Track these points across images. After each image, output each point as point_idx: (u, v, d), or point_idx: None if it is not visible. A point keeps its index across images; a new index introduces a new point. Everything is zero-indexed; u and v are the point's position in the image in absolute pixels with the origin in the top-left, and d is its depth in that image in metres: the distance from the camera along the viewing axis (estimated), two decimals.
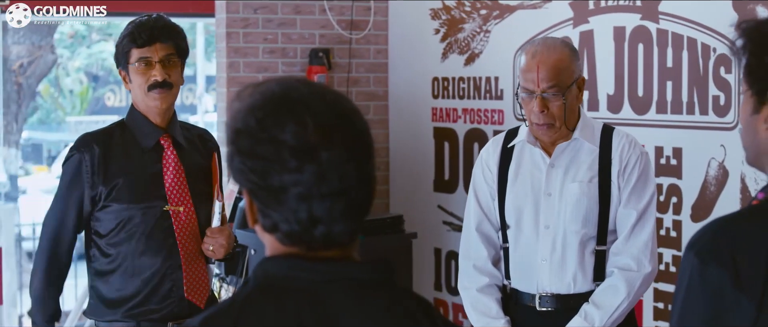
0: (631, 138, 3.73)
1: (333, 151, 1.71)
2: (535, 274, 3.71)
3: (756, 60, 2.04)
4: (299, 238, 1.74)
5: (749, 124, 2.10)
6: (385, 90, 6.67)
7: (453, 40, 6.13)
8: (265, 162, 1.71)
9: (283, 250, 1.77)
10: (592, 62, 5.23)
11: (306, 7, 6.42)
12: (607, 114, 5.14)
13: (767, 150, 2.06)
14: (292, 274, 1.75)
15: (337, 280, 1.75)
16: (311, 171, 1.70)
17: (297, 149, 1.70)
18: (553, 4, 5.44)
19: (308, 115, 1.71)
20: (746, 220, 2.01)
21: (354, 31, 6.53)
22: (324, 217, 1.72)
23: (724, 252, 1.94)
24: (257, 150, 1.71)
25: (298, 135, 1.70)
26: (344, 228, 1.74)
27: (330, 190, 1.71)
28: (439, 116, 6.28)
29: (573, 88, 3.61)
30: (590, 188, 3.67)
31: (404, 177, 6.57)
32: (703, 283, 1.96)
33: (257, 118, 1.72)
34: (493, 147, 3.88)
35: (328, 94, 1.77)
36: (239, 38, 6.28)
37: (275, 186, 1.71)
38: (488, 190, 3.82)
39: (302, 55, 6.41)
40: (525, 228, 3.73)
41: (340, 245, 1.77)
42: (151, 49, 3.63)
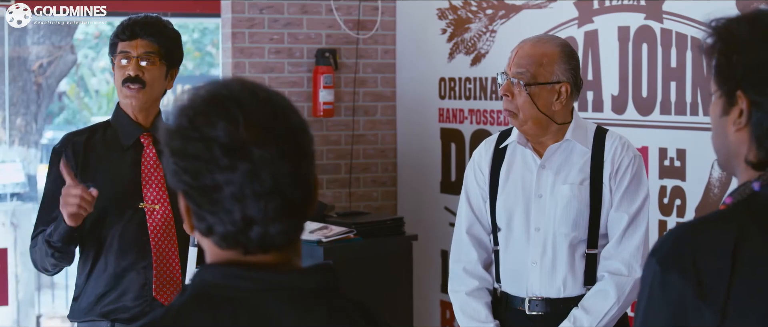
0: (624, 140, 3.66)
1: (265, 149, 1.66)
2: (525, 277, 3.65)
3: (725, 59, 1.97)
4: (235, 240, 1.70)
5: (719, 126, 2.03)
6: (393, 90, 6.61)
7: (459, 40, 6.07)
8: (197, 161, 1.67)
9: (221, 256, 1.73)
10: (597, 62, 5.16)
11: (312, 7, 6.37)
12: (612, 115, 5.07)
13: (737, 153, 1.99)
14: (229, 282, 1.70)
15: (276, 289, 1.70)
16: (243, 169, 1.65)
17: (228, 147, 1.65)
18: (558, 4, 5.37)
19: (239, 112, 1.67)
20: (710, 226, 1.94)
21: (361, 31, 6.48)
22: (258, 217, 1.67)
23: (686, 259, 1.88)
24: (188, 149, 1.67)
25: (229, 132, 1.66)
26: (281, 229, 1.70)
27: (263, 189, 1.66)
28: (445, 117, 6.22)
29: (547, 88, 3.55)
30: (581, 191, 3.60)
31: (411, 178, 6.52)
32: (664, 291, 1.89)
33: (188, 116, 1.69)
34: (485, 148, 3.82)
35: (260, 92, 1.72)
36: (245, 38, 6.24)
37: (207, 186, 1.67)
38: (479, 192, 3.77)
39: (309, 55, 6.36)
40: (515, 230, 3.67)
41: (278, 248, 1.72)
42: (131, 44, 3.64)
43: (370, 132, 6.56)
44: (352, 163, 6.51)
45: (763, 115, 1.92)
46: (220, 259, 1.73)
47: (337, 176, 6.50)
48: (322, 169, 6.44)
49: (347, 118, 6.48)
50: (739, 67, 1.94)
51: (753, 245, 1.87)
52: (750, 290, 1.85)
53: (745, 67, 1.93)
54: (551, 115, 3.59)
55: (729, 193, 1.99)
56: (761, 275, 1.86)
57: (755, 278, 1.86)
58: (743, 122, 1.95)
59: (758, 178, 1.94)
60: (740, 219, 1.91)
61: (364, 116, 6.54)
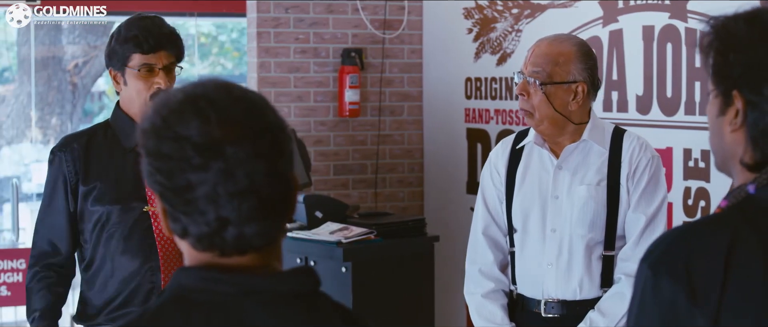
0: (642, 141, 3.61)
1: (239, 148, 1.63)
2: (541, 279, 3.61)
3: (722, 58, 1.92)
4: (210, 241, 1.67)
5: (715, 126, 1.98)
6: (419, 90, 6.58)
7: (485, 40, 6.03)
8: (170, 161, 1.64)
9: (198, 258, 1.70)
10: (622, 62, 5.10)
11: (338, 7, 6.35)
12: (636, 115, 5.01)
13: (733, 154, 1.94)
14: (205, 285, 1.68)
15: (253, 293, 1.67)
16: (217, 168, 1.63)
17: (201, 146, 1.63)
18: (583, 3, 5.32)
19: (212, 111, 1.64)
20: (703, 230, 1.89)
21: (387, 31, 6.45)
22: (232, 217, 1.65)
23: (678, 264, 1.83)
24: (162, 149, 1.65)
25: (201, 131, 1.63)
26: (257, 229, 1.67)
27: (237, 189, 1.64)
28: (471, 117, 6.18)
29: (563, 87, 3.51)
30: (598, 191, 3.55)
31: (438, 179, 6.49)
32: (656, 296, 1.85)
33: (162, 116, 1.66)
34: (502, 148, 3.79)
35: (235, 90, 1.69)
36: (270, 38, 6.22)
37: (181, 186, 1.64)
38: (496, 192, 3.73)
39: (334, 54, 6.34)
40: (531, 232, 3.63)
41: (255, 249, 1.69)
42: (156, 56, 3.51)
43: (396, 132, 6.53)
44: (378, 163, 6.48)
45: (759, 115, 1.87)
46: (196, 262, 1.70)
47: (362, 176, 6.47)
48: (348, 169, 6.42)
49: (373, 118, 6.45)
50: (735, 66, 1.90)
51: (747, 249, 1.83)
52: (743, 295, 1.81)
53: (742, 66, 1.89)
54: (568, 115, 3.55)
55: (724, 196, 1.94)
56: (754, 280, 1.81)
57: (748, 283, 1.81)
58: (739, 123, 1.90)
59: (753, 181, 1.90)
60: (734, 222, 1.86)
61: (390, 116, 6.51)
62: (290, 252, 5.13)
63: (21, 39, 11.73)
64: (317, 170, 6.30)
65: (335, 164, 6.40)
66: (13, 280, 6.20)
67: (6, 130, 11.70)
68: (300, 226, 5.17)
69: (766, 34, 1.89)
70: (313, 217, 5.15)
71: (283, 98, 6.26)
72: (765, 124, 1.87)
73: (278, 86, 6.26)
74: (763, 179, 1.89)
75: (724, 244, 1.83)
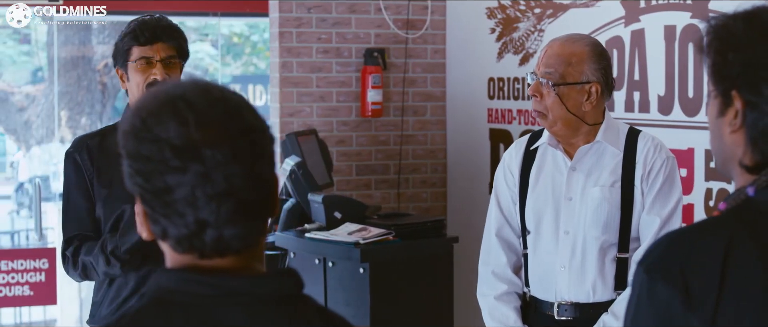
0: (657, 141, 3.57)
1: (217, 150, 1.62)
2: (554, 281, 3.57)
3: (721, 58, 1.88)
4: (189, 244, 1.66)
5: (715, 128, 1.94)
6: (443, 90, 6.55)
7: (508, 40, 5.99)
8: (149, 163, 1.63)
9: (178, 260, 1.69)
10: (643, 62, 5.05)
11: (361, 7, 6.33)
12: (658, 116, 4.96)
13: (732, 156, 1.91)
14: (184, 287, 1.66)
15: (232, 295, 1.66)
16: (195, 171, 1.61)
17: (179, 148, 1.62)
18: (605, 3, 5.28)
19: (190, 112, 1.63)
20: (700, 234, 1.86)
21: (410, 31, 6.42)
22: (211, 220, 1.63)
23: (674, 268, 1.80)
24: (141, 150, 1.64)
25: (179, 133, 1.62)
26: (237, 232, 1.65)
27: (215, 191, 1.62)
28: (494, 117, 6.14)
29: (576, 88, 3.47)
30: (612, 193, 3.51)
31: (461, 179, 6.46)
32: (651, 301, 1.82)
33: (141, 117, 1.65)
34: (515, 149, 3.75)
35: (214, 91, 1.67)
36: (292, 38, 6.21)
37: (159, 188, 1.63)
38: (510, 194, 3.70)
39: (357, 54, 6.33)
40: (544, 233, 3.59)
41: (235, 252, 1.67)
42: (153, 48, 3.54)
43: (419, 132, 6.51)
44: (401, 163, 6.46)
45: (758, 116, 1.83)
46: (176, 264, 1.69)
47: (385, 177, 6.45)
48: (371, 169, 6.40)
49: (396, 118, 6.43)
50: (734, 66, 1.86)
51: (744, 253, 1.79)
52: (740, 300, 1.77)
53: (741, 65, 1.85)
54: (581, 116, 3.51)
55: (724, 199, 1.90)
56: (751, 285, 1.77)
57: (745, 288, 1.77)
58: (738, 124, 1.86)
59: (753, 183, 1.86)
60: (732, 226, 1.83)
61: (413, 116, 6.48)
62: (308, 252, 5.11)
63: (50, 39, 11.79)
64: (340, 170, 6.29)
65: (358, 164, 6.39)
66: (36, 279, 6.21)
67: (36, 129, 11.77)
68: (319, 227, 5.15)
69: (765, 32, 1.85)
70: (332, 218, 5.13)
71: (305, 98, 6.25)
72: (764, 124, 1.83)
73: (300, 86, 6.24)
74: (762, 181, 1.86)
75: (720, 249, 1.80)
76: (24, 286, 6.23)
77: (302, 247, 5.13)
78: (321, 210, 5.16)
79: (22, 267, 6.21)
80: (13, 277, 6.21)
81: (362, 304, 4.84)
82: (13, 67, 17.72)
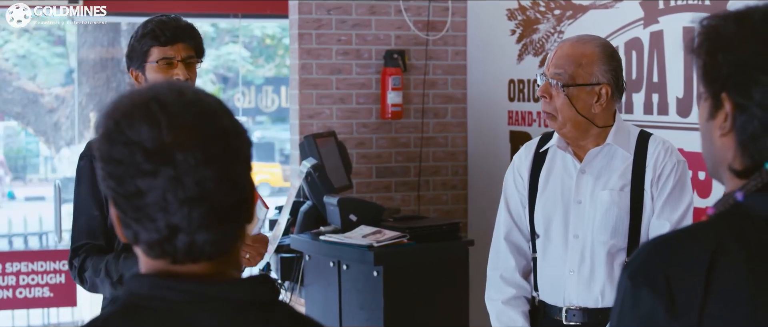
0: (668, 145, 3.51)
1: (189, 153, 1.59)
2: (563, 286, 3.53)
3: (711, 60, 1.84)
4: (161, 249, 1.63)
5: (705, 131, 1.90)
6: (464, 92, 6.51)
7: (528, 41, 5.94)
8: (121, 166, 1.61)
9: (151, 265, 1.67)
10: (662, 64, 4.99)
11: (381, 8, 6.30)
12: (677, 118, 4.89)
13: (722, 160, 1.86)
14: (156, 293, 1.64)
15: (205, 301, 1.63)
16: (166, 174, 1.59)
17: (150, 151, 1.59)
18: (624, 4, 5.21)
19: (162, 115, 1.60)
20: (686, 240, 1.81)
21: (431, 32, 6.38)
22: (183, 225, 1.60)
23: (658, 275, 1.75)
24: (113, 153, 1.61)
25: (151, 136, 1.59)
26: (209, 237, 1.62)
27: (187, 196, 1.59)
28: (514, 119, 6.09)
29: (586, 90, 3.42)
30: (621, 197, 3.46)
31: (482, 182, 6.41)
32: (635, 307, 1.77)
33: (114, 119, 1.63)
34: (525, 152, 3.71)
35: (188, 93, 1.64)
36: (312, 39, 6.19)
37: (131, 192, 1.61)
38: (519, 197, 3.66)
39: (377, 56, 6.30)
40: (553, 237, 3.55)
41: (208, 258, 1.64)
42: (174, 48, 3.52)
43: (439, 134, 6.47)
44: (421, 165, 6.42)
45: (748, 118, 1.78)
46: (149, 269, 1.67)
47: (405, 179, 6.42)
48: (391, 171, 6.36)
49: (416, 120, 6.39)
50: (724, 68, 1.81)
51: (730, 259, 1.74)
52: (725, 308, 1.73)
53: (730, 67, 1.80)
54: (591, 118, 3.46)
55: (714, 204, 1.86)
56: (738, 292, 1.73)
57: (731, 296, 1.73)
58: (728, 127, 1.82)
59: (742, 188, 1.81)
60: (719, 231, 1.78)
61: (433, 118, 6.44)
62: (323, 255, 5.09)
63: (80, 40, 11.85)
64: (359, 173, 6.26)
65: (378, 167, 6.36)
66: (56, 281, 6.23)
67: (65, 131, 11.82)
68: (334, 230, 5.12)
69: (755, 33, 1.80)
70: (348, 220, 5.09)
71: (325, 100, 6.23)
72: (754, 128, 1.78)
73: (320, 88, 6.22)
74: (751, 186, 1.81)
75: (706, 255, 1.75)
76: (44, 288, 6.25)
77: (317, 249, 5.10)
78: (336, 212, 5.13)
79: (42, 269, 6.23)
80: (33, 279, 6.22)
81: (376, 308, 4.80)
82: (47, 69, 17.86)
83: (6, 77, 14.04)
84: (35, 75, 17.50)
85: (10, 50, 17.34)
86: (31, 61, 17.71)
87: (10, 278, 6.18)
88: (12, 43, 17.34)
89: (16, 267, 6.18)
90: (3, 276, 6.18)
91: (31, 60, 17.68)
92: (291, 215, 5.27)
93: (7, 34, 17.13)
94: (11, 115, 16.10)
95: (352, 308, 4.92)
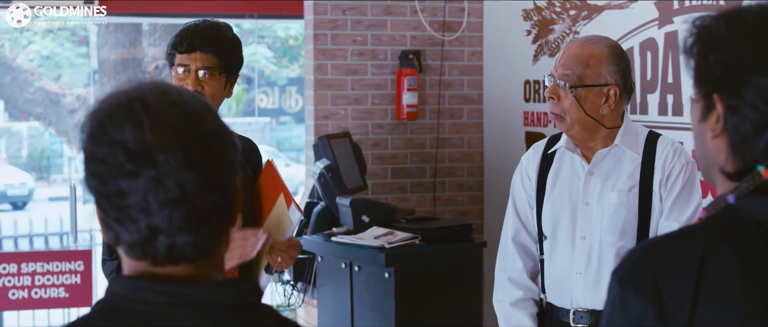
0: (676, 146, 3.48)
1: (171, 155, 1.58)
2: (570, 288, 3.50)
3: (703, 60, 1.81)
4: (142, 250, 1.62)
5: (698, 133, 1.87)
6: (480, 93, 6.48)
7: (544, 42, 5.92)
8: (103, 166, 1.60)
9: (133, 267, 1.66)
10: (677, 65, 4.95)
11: (396, 9, 6.28)
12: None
13: (715, 162, 1.83)
14: (136, 295, 1.62)
15: (185, 303, 1.62)
16: (148, 176, 1.57)
17: (132, 152, 1.58)
18: (638, 4, 5.18)
19: (145, 115, 1.58)
20: (676, 243, 1.78)
21: (447, 33, 6.36)
22: (164, 227, 1.59)
23: (647, 279, 1.73)
24: (96, 153, 1.60)
25: (134, 136, 1.58)
26: (190, 240, 1.61)
27: (167, 197, 1.58)
28: (530, 120, 6.07)
29: (594, 91, 3.39)
30: (629, 198, 3.43)
31: (498, 183, 6.38)
32: (624, 311, 1.75)
33: (98, 119, 1.62)
34: (533, 153, 3.69)
35: (172, 94, 1.63)
36: (327, 40, 6.18)
37: (113, 192, 1.59)
38: (527, 198, 3.63)
39: (392, 57, 6.28)
40: (561, 239, 3.52)
41: (189, 260, 1.63)
42: (191, 57, 3.38)
43: (455, 135, 6.45)
44: (437, 166, 6.40)
45: (739, 120, 1.75)
46: (131, 271, 1.66)
47: (421, 180, 6.40)
48: (406, 172, 6.35)
49: (432, 121, 6.37)
50: (715, 68, 1.78)
51: (721, 263, 1.72)
52: (716, 313, 1.70)
53: (722, 67, 1.77)
54: (599, 119, 3.43)
55: (705, 206, 1.83)
56: (728, 297, 1.70)
57: (722, 300, 1.70)
58: (720, 129, 1.79)
59: (733, 190, 1.78)
60: (709, 235, 1.75)
61: (449, 119, 6.42)
62: (335, 256, 5.08)
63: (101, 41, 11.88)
64: (375, 174, 6.24)
65: (393, 168, 6.34)
66: (72, 282, 6.23)
67: None
68: (346, 231, 5.11)
69: (747, 33, 1.77)
70: (360, 222, 5.08)
71: (340, 101, 6.22)
72: (745, 129, 1.75)
73: (335, 89, 6.21)
74: (743, 188, 1.78)
75: (696, 258, 1.73)
76: (59, 289, 6.25)
77: (329, 250, 5.09)
78: (348, 213, 5.12)
79: (57, 269, 6.24)
80: (49, 279, 6.23)
81: (387, 309, 4.79)
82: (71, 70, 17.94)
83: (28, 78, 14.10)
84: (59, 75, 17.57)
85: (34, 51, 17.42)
86: (55, 62, 17.79)
87: (26, 279, 6.19)
88: (36, 44, 17.43)
89: (32, 267, 6.19)
90: (19, 276, 6.19)
91: (55, 60, 17.76)
92: (304, 216, 5.26)
93: (32, 35, 17.21)
94: (33, 115, 16.20)
95: (363, 310, 4.91)
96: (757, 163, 1.75)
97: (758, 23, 1.76)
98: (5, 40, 17.04)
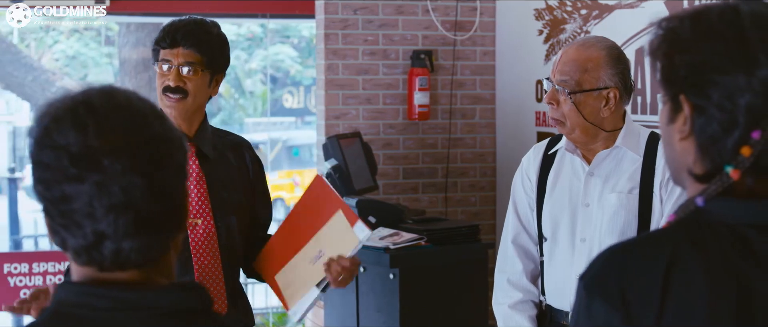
0: None
1: (116, 159, 1.56)
2: (569, 290, 3.46)
3: (668, 61, 1.78)
4: (88, 256, 1.61)
5: (666, 135, 1.83)
6: (492, 93, 6.45)
7: (555, 41, 5.88)
8: (48, 170, 1.59)
9: (80, 273, 1.65)
10: None
11: (408, 8, 6.26)
12: None
13: (684, 165, 1.79)
14: (82, 300, 1.62)
15: (131, 309, 1.60)
16: (93, 181, 1.56)
17: (77, 156, 1.56)
18: (649, 3, 5.14)
19: (90, 120, 1.57)
20: (643, 248, 1.75)
21: (458, 32, 6.33)
22: (109, 232, 1.58)
23: (612, 285, 1.70)
24: (42, 157, 1.60)
25: (78, 141, 1.56)
26: (136, 245, 1.60)
27: (113, 203, 1.57)
28: (541, 121, 6.03)
29: (593, 95, 3.35)
30: (629, 200, 3.39)
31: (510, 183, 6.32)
32: (590, 317, 1.72)
33: (44, 123, 1.61)
34: (534, 154, 3.66)
35: (119, 97, 1.62)
36: (338, 40, 6.16)
37: (58, 197, 1.58)
38: (527, 200, 3.61)
39: (404, 56, 6.25)
40: (560, 241, 3.49)
41: (136, 265, 1.62)
42: (173, 53, 3.38)
43: (467, 135, 6.41)
44: (449, 167, 6.37)
45: (706, 120, 1.72)
46: (79, 276, 1.65)
47: (433, 180, 6.37)
48: (418, 172, 6.32)
49: (444, 121, 6.34)
50: (681, 69, 1.75)
51: (687, 267, 1.68)
52: (683, 315, 1.67)
53: (687, 67, 1.74)
54: (599, 123, 3.39)
55: (674, 210, 1.79)
56: (695, 302, 1.67)
57: (688, 306, 1.67)
58: (687, 130, 1.75)
59: (702, 192, 1.74)
60: (676, 239, 1.72)
61: (461, 119, 6.39)
62: None
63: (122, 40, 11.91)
64: (386, 174, 6.22)
65: (405, 168, 6.31)
66: None
67: None
68: None
69: (711, 32, 1.74)
70: (366, 222, 5.04)
71: (351, 101, 6.20)
72: (713, 130, 1.72)
73: (346, 88, 6.19)
74: (712, 190, 1.74)
75: (662, 263, 1.69)
76: None
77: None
78: None
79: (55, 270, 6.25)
80: (60, 279, 6.24)
81: (393, 311, 4.76)
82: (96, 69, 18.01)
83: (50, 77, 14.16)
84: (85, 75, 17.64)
85: (59, 51, 17.50)
86: (80, 62, 17.86)
87: (38, 278, 6.21)
88: (61, 44, 17.51)
89: (43, 267, 6.21)
90: (30, 276, 6.21)
91: (80, 60, 17.84)
92: None
93: (57, 35, 17.29)
94: None
95: (368, 311, 4.89)
96: (725, 164, 1.72)
97: (723, 22, 1.73)
98: (31, 39, 17.14)
